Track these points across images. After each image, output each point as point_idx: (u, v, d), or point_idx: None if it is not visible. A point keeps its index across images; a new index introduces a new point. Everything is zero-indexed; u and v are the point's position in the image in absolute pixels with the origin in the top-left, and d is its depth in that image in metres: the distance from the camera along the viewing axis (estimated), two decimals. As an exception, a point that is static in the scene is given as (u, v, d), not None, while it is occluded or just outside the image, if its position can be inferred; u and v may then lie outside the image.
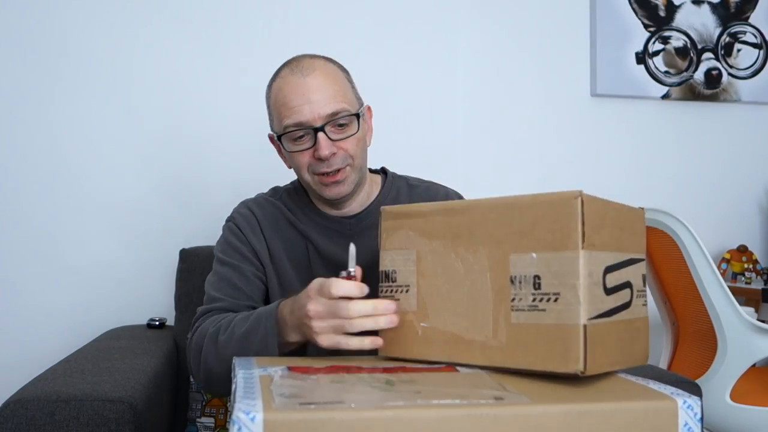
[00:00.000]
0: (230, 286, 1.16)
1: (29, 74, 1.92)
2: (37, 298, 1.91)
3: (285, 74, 1.14)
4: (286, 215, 1.24)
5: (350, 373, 0.77)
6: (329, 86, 1.12)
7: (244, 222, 1.22)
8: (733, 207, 2.44)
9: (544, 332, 0.75)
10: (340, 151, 1.12)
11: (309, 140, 1.12)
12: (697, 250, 1.70)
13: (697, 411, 0.68)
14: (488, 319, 0.80)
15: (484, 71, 2.25)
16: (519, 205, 0.79)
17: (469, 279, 0.82)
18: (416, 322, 0.87)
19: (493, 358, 0.79)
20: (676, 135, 2.40)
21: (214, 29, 2.03)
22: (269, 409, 0.61)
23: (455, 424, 0.63)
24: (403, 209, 0.92)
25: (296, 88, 1.10)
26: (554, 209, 0.76)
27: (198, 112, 2.01)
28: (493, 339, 0.79)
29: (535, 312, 0.76)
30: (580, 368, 0.72)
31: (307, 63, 1.14)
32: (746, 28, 2.44)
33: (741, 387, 1.69)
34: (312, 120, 1.10)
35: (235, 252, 1.20)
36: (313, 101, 1.10)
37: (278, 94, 1.13)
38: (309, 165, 1.13)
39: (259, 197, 1.29)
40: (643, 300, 0.87)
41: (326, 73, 1.13)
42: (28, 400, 1.08)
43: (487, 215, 0.81)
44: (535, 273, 0.76)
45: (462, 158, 2.22)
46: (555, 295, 0.75)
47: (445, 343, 0.84)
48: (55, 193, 1.93)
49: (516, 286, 0.78)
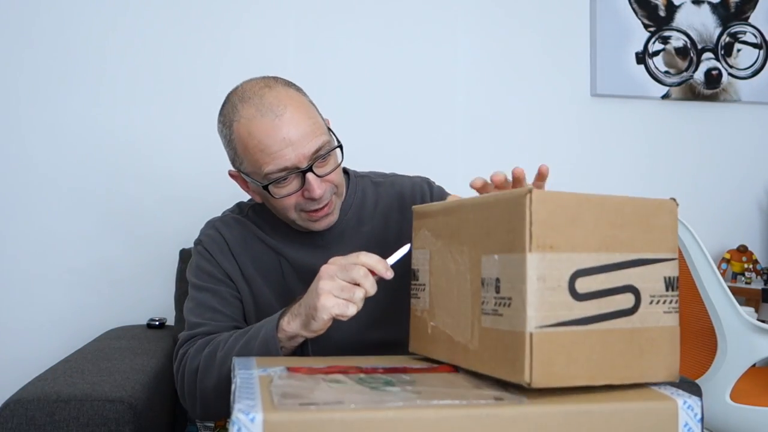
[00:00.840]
0: (210, 310, 1.13)
1: (29, 74, 1.92)
2: (37, 299, 1.91)
3: (252, 115, 1.04)
4: (255, 232, 1.20)
5: (350, 373, 0.77)
6: (304, 121, 1.05)
7: (213, 245, 1.18)
8: (733, 207, 2.44)
9: (501, 338, 0.71)
10: (327, 184, 1.09)
11: (296, 182, 1.06)
12: (697, 250, 1.70)
13: (697, 411, 0.68)
14: (468, 321, 0.78)
15: (484, 71, 2.25)
16: (486, 204, 0.76)
17: (457, 280, 0.81)
18: (428, 320, 0.87)
19: (470, 362, 0.77)
20: (676, 135, 2.40)
21: (212, 28, 2.03)
22: (269, 409, 0.61)
23: (455, 425, 0.63)
24: (426, 209, 0.92)
25: (272, 132, 1.02)
26: (508, 208, 0.71)
27: (197, 112, 2.01)
28: (471, 342, 0.77)
29: (496, 316, 0.72)
30: (525, 379, 0.66)
31: (273, 99, 1.05)
32: (746, 28, 2.44)
33: (741, 387, 1.69)
34: (298, 162, 1.04)
35: (209, 276, 1.16)
36: (294, 142, 1.03)
37: (250, 140, 1.04)
38: (296, 205, 1.09)
39: (225, 216, 1.25)
40: (668, 306, 0.76)
41: (296, 107, 1.05)
42: (28, 400, 1.08)
43: (468, 215, 0.79)
44: (497, 275, 0.72)
45: (462, 158, 2.22)
46: (509, 300, 0.70)
47: (442, 343, 0.84)
48: (55, 193, 1.93)
49: (485, 288, 0.74)
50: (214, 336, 1.08)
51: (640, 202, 0.76)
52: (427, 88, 2.20)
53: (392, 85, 2.15)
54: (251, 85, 1.09)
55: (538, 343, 0.67)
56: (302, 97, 1.10)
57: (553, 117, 2.30)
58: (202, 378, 1.03)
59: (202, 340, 1.07)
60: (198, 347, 1.06)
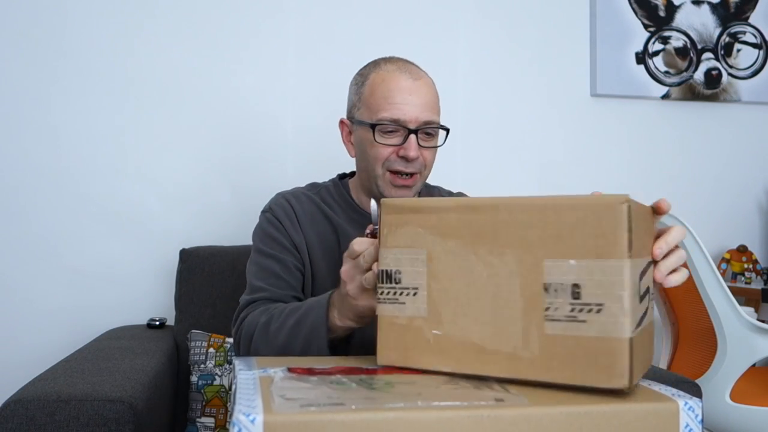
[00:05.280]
0: (273, 276, 1.17)
1: (29, 74, 1.92)
2: (37, 298, 1.91)
3: (391, 69, 1.18)
4: (322, 209, 1.26)
5: (350, 374, 0.77)
6: (432, 96, 1.18)
7: (282, 213, 1.23)
8: (733, 207, 2.44)
9: (584, 345, 0.70)
10: (421, 157, 1.17)
11: (398, 137, 1.16)
12: (697, 250, 1.70)
13: (698, 412, 0.68)
14: (517, 328, 0.73)
15: (484, 71, 2.25)
16: (555, 207, 0.73)
17: (493, 284, 0.75)
18: (426, 329, 0.78)
19: (521, 371, 0.73)
20: (676, 135, 2.41)
21: (213, 29, 2.03)
22: (269, 410, 0.61)
23: (456, 426, 0.63)
24: (407, 203, 0.82)
25: (402, 87, 1.15)
26: (597, 214, 0.70)
27: (197, 112, 2.01)
28: (523, 350, 0.73)
29: (574, 323, 0.71)
30: (625, 384, 0.67)
31: (415, 69, 1.20)
32: (746, 28, 2.44)
33: (741, 387, 1.69)
34: (410, 120, 1.14)
35: (275, 243, 1.21)
36: (416, 104, 1.15)
37: (380, 86, 1.17)
38: (387, 159, 1.17)
39: (296, 191, 1.30)
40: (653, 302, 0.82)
41: (429, 83, 1.20)
42: (28, 400, 1.08)
43: (516, 216, 0.74)
44: (573, 281, 0.71)
45: (462, 158, 2.22)
46: (598, 306, 0.70)
47: (463, 352, 0.76)
48: (55, 193, 1.93)
49: (551, 294, 0.72)
50: (274, 306, 1.11)
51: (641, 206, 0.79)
52: (427, 88, 2.20)
53: (392, 85, 2.15)
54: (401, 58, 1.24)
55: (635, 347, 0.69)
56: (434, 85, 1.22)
57: (553, 117, 2.30)
58: (256, 346, 1.07)
59: (259, 309, 1.11)
60: (256, 314, 1.10)
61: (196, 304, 1.72)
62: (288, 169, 2.05)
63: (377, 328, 0.82)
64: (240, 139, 2.02)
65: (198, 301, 1.72)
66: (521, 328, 0.73)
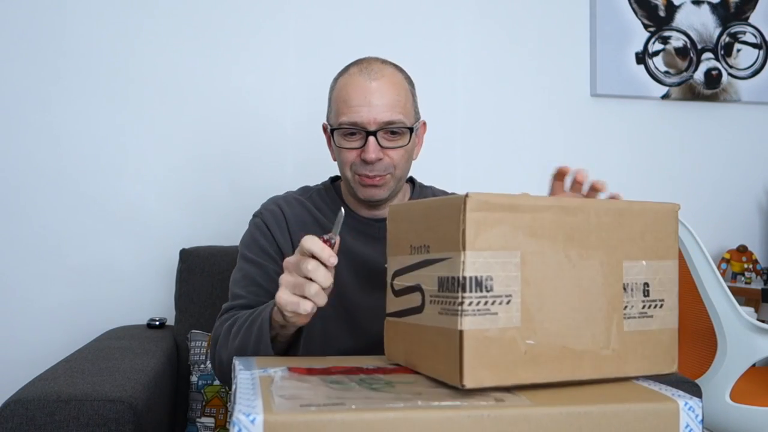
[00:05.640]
0: (253, 284, 1.16)
1: (29, 74, 1.92)
2: (37, 298, 1.91)
3: (353, 72, 1.16)
4: (315, 215, 1.24)
5: (351, 374, 0.77)
6: (391, 95, 1.15)
7: (272, 219, 1.22)
8: (733, 207, 2.44)
9: (650, 338, 0.79)
10: (386, 158, 1.15)
11: (359, 140, 1.15)
12: (697, 250, 1.70)
13: (698, 413, 0.68)
14: (601, 328, 0.76)
15: (484, 71, 2.25)
16: (631, 211, 0.79)
17: (580, 285, 0.75)
18: (520, 340, 0.71)
19: (603, 369, 0.76)
20: (676, 135, 2.40)
21: (213, 29, 2.03)
22: (269, 410, 0.61)
23: (456, 426, 0.63)
24: (499, 199, 0.71)
25: (359, 89, 1.13)
26: (659, 219, 0.81)
27: (197, 112, 2.01)
28: (605, 349, 0.76)
29: (644, 319, 0.79)
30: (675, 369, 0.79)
31: (377, 67, 1.17)
32: (746, 28, 2.44)
33: (741, 387, 1.69)
34: (367, 123, 1.13)
35: (260, 250, 1.20)
36: (372, 105, 1.12)
37: (341, 90, 1.16)
38: (353, 163, 1.16)
39: (288, 195, 1.28)
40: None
41: (392, 82, 1.16)
42: (28, 400, 1.08)
43: (602, 219, 0.77)
44: (644, 280, 0.79)
45: (462, 158, 2.22)
46: (661, 302, 0.80)
47: (553, 360, 0.73)
48: (55, 193, 1.93)
49: (628, 293, 0.79)
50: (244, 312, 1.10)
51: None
52: (427, 88, 2.19)
53: (392, 84, 2.15)
54: (371, 57, 1.22)
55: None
56: (404, 82, 1.20)
57: (553, 117, 2.30)
58: (220, 349, 1.06)
59: (231, 314, 1.11)
60: (225, 319, 1.10)
61: (196, 304, 1.72)
62: (288, 169, 2.05)
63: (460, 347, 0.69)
64: (240, 139, 2.01)
65: (198, 301, 1.72)
66: (604, 328, 0.77)
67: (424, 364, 0.77)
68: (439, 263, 0.73)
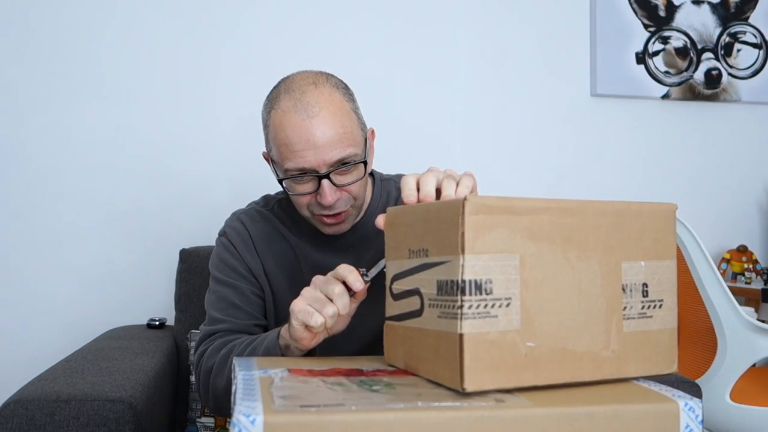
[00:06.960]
0: (231, 306, 1.13)
1: (30, 74, 1.92)
2: (37, 298, 1.91)
3: (287, 108, 1.04)
4: (279, 228, 1.20)
5: (351, 375, 0.77)
6: (335, 128, 1.03)
7: (237, 238, 1.18)
8: (733, 207, 2.44)
9: (650, 338, 0.79)
10: (344, 194, 1.07)
11: (311, 184, 1.06)
12: (697, 250, 1.70)
13: (698, 413, 0.68)
14: (601, 329, 0.76)
15: (484, 71, 2.25)
16: (628, 212, 0.79)
17: (579, 287, 0.75)
18: (520, 342, 0.71)
19: (604, 370, 0.76)
20: (676, 135, 2.40)
21: (213, 29, 2.03)
22: (269, 411, 0.61)
23: (456, 426, 0.63)
24: (496, 202, 0.71)
25: (299, 131, 1.02)
26: (657, 219, 0.80)
27: (198, 112, 2.01)
28: (604, 350, 0.76)
29: (643, 319, 0.79)
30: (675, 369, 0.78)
31: (312, 98, 1.03)
32: (746, 28, 2.44)
33: (741, 387, 1.69)
34: (317, 167, 1.03)
35: (231, 270, 1.16)
36: (318, 147, 1.02)
37: (279, 131, 1.04)
38: (309, 204, 1.09)
39: (250, 209, 1.24)
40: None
41: (332, 113, 1.04)
42: (28, 400, 1.08)
43: (600, 220, 0.77)
44: (643, 281, 0.79)
45: (462, 158, 2.21)
46: (660, 302, 0.80)
47: (553, 362, 0.73)
48: (55, 192, 1.93)
49: (627, 294, 0.78)
50: (232, 338, 1.09)
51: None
52: (427, 88, 2.20)
53: (392, 85, 2.15)
54: (301, 77, 1.08)
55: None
56: (345, 103, 1.07)
57: (553, 117, 2.30)
58: (215, 379, 1.05)
59: (221, 341, 1.09)
60: (216, 347, 1.08)
61: (196, 304, 1.71)
62: (288, 169, 2.05)
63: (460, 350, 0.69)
64: (240, 138, 2.01)
65: (198, 301, 1.72)
66: (604, 329, 0.76)
67: (424, 368, 0.76)
68: (438, 267, 0.73)
